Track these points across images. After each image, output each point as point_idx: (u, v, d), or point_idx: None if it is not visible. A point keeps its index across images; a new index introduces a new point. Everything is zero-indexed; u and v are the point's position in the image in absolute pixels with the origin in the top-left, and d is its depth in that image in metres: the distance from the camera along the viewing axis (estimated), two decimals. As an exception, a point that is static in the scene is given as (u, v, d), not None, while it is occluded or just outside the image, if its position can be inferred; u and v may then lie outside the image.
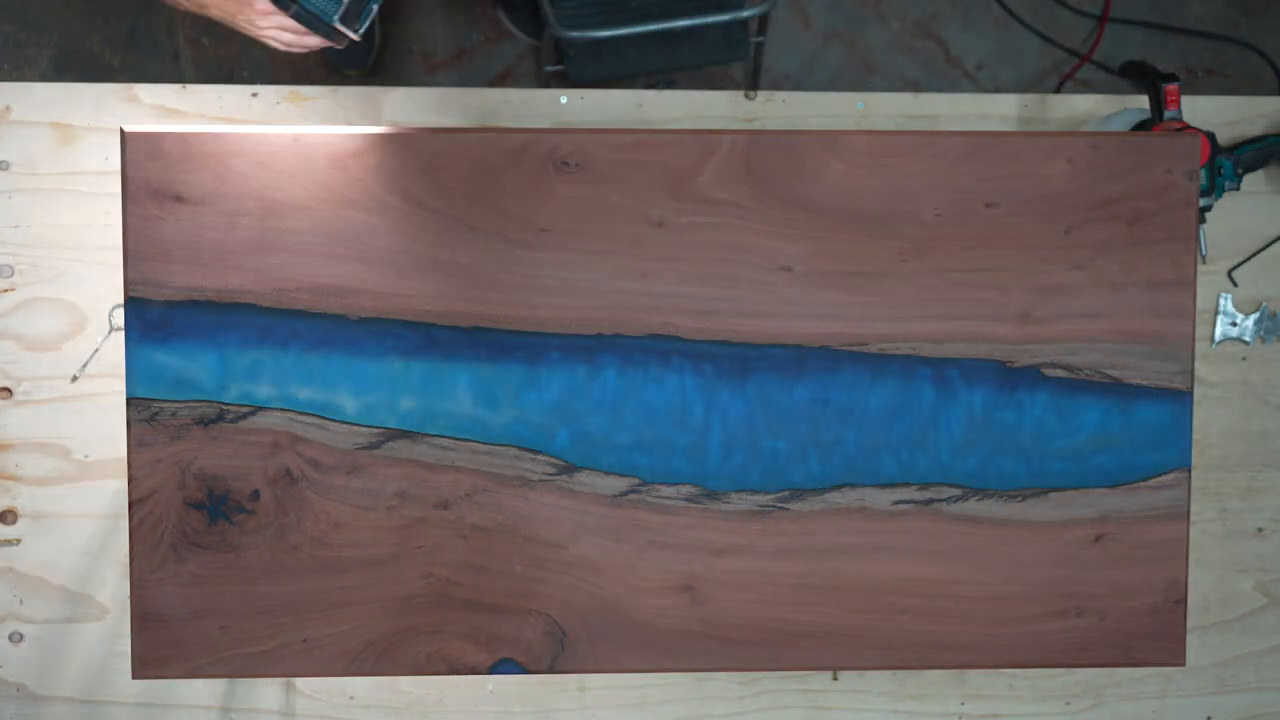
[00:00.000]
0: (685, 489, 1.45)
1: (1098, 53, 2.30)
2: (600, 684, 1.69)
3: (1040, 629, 1.48)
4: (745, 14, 1.95)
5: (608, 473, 1.44)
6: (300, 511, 1.43)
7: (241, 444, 1.42)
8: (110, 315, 1.64)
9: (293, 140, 1.42)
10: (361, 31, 1.39)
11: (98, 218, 1.63)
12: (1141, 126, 1.65)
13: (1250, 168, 1.66)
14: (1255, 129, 1.70)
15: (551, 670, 1.45)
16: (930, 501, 1.46)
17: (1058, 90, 2.30)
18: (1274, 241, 1.70)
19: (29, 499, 1.65)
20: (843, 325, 1.44)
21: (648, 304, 1.43)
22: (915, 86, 2.30)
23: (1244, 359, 1.71)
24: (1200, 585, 1.69)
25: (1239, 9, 2.33)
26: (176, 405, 1.41)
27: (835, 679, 1.70)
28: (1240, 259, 1.70)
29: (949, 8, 2.32)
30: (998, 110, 1.74)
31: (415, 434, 1.43)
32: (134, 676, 1.44)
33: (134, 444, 1.42)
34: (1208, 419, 1.68)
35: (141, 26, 2.27)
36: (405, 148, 1.42)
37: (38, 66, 2.25)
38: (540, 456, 1.44)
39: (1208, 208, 1.63)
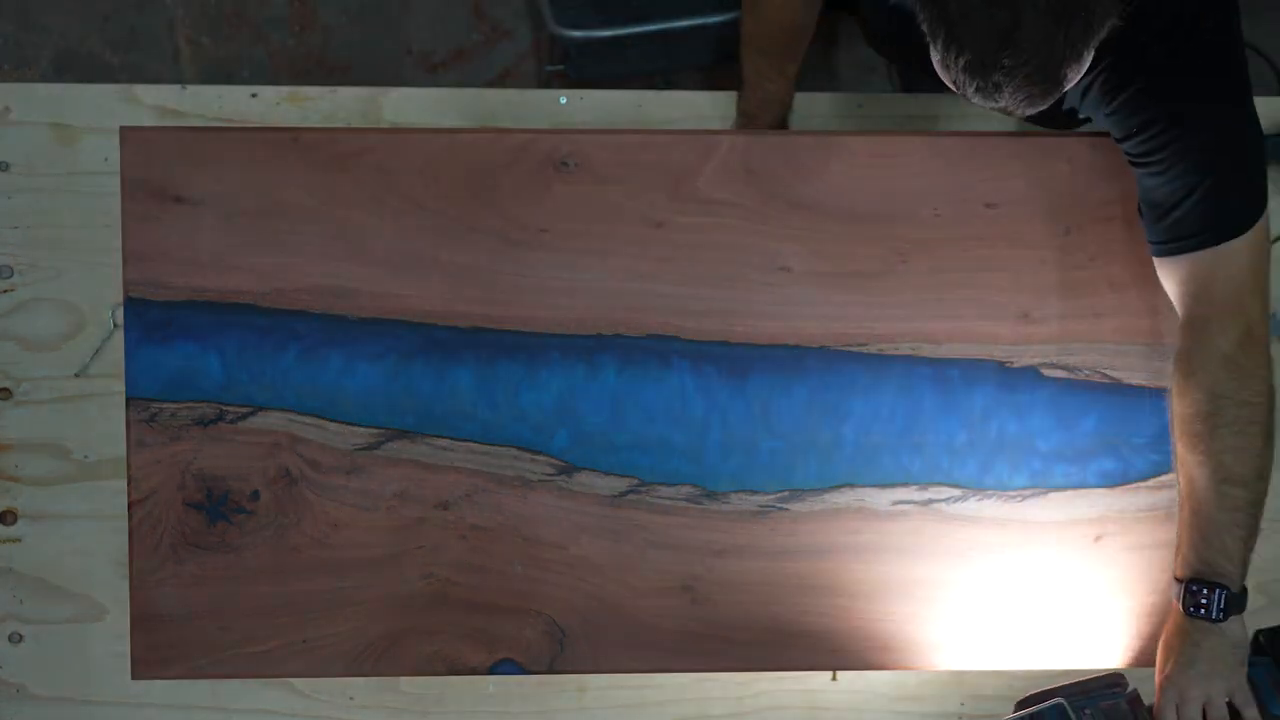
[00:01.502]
0: (685, 489, 1.45)
1: (1097, 53, 2.30)
2: (600, 684, 1.69)
3: (1040, 629, 1.48)
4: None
5: (607, 473, 1.44)
6: (300, 512, 1.43)
7: (241, 444, 1.42)
8: (112, 313, 1.63)
9: (293, 140, 1.42)
10: None
11: (97, 218, 1.63)
12: (1141, 127, 1.64)
13: (1250, 168, 1.66)
14: (1255, 129, 1.70)
15: (551, 670, 1.45)
16: (930, 502, 1.46)
17: (1057, 90, 2.30)
18: (1274, 241, 1.70)
19: (29, 499, 1.65)
20: (842, 325, 1.44)
21: (647, 304, 1.43)
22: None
23: (1244, 359, 1.70)
24: (1200, 585, 1.68)
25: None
26: (176, 406, 1.41)
27: (835, 679, 1.70)
28: (1240, 259, 1.70)
29: (949, 8, 2.32)
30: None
31: (415, 434, 1.43)
32: (133, 677, 1.44)
33: (134, 444, 1.42)
34: (1207, 419, 1.68)
35: (141, 26, 2.27)
36: (405, 148, 1.42)
37: (38, 66, 2.24)
38: (540, 457, 1.44)
39: (1208, 208, 1.63)
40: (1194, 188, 1.26)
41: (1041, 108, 1.16)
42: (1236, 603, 1.32)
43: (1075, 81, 1.16)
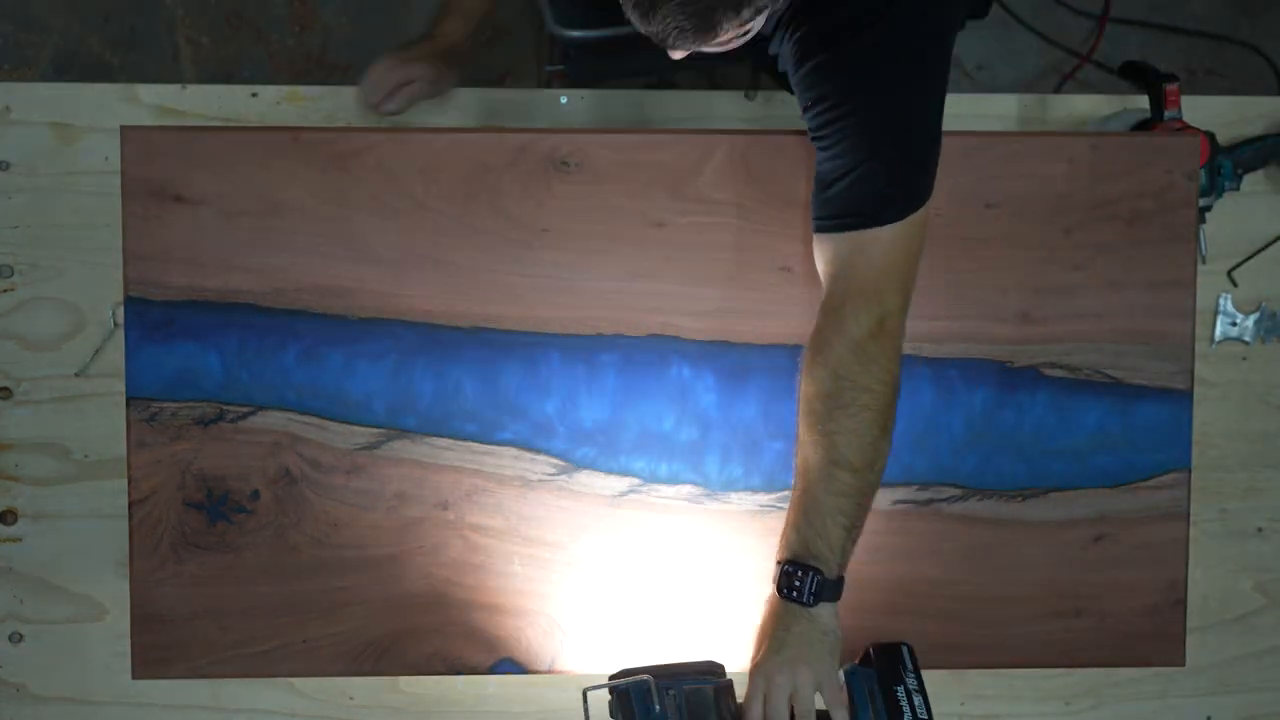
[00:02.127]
0: (685, 489, 1.44)
1: (1098, 53, 2.30)
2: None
3: (1040, 629, 1.48)
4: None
5: (607, 473, 1.44)
6: (300, 512, 1.43)
7: (241, 444, 1.42)
8: (113, 312, 1.63)
9: (292, 140, 1.42)
10: None
11: (98, 218, 1.63)
12: (1141, 127, 1.64)
13: (1250, 167, 1.66)
14: (1255, 129, 1.70)
15: (551, 670, 1.45)
16: (930, 501, 1.46)
17: (1057, 90, 2.30)
18: (1274, 241, 1.70)
19: (29, 499, 1.65)
20: (842, 325, 1.44)
21: (647, 304, 1.43)
22: (915, 86, 2.30)
23: (1244, 359, 1.70)
24: (1200, 585, 1.68)
25: (1239, 9, 2.32)
26: (176, 405, 1.41)
27: (835, 679, 1.70)
28: (1240, 259, 1.70)
29: (949, 8, 2.32)
30: (997, 110, 1.74)
31: (415, 434, 1.43)
32: (134, 677, 1.44)
33: (134, 444, 1.42)
34: (1208, 419, 1.68)
35: (141, 26, 2.27)
36: (405, 148, 1.42)
37: (38, 66, 2.25)
38: (540, 457, 1.44)
39: (1207, 208, 1.63)
40: (851, 170, 1.28)
41: (693, 48, 1.17)
42: (830, 589, 1.30)
43: (731, 36, 1.17)
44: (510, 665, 1.45)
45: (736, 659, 1.46)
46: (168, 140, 1.42)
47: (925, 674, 1.48)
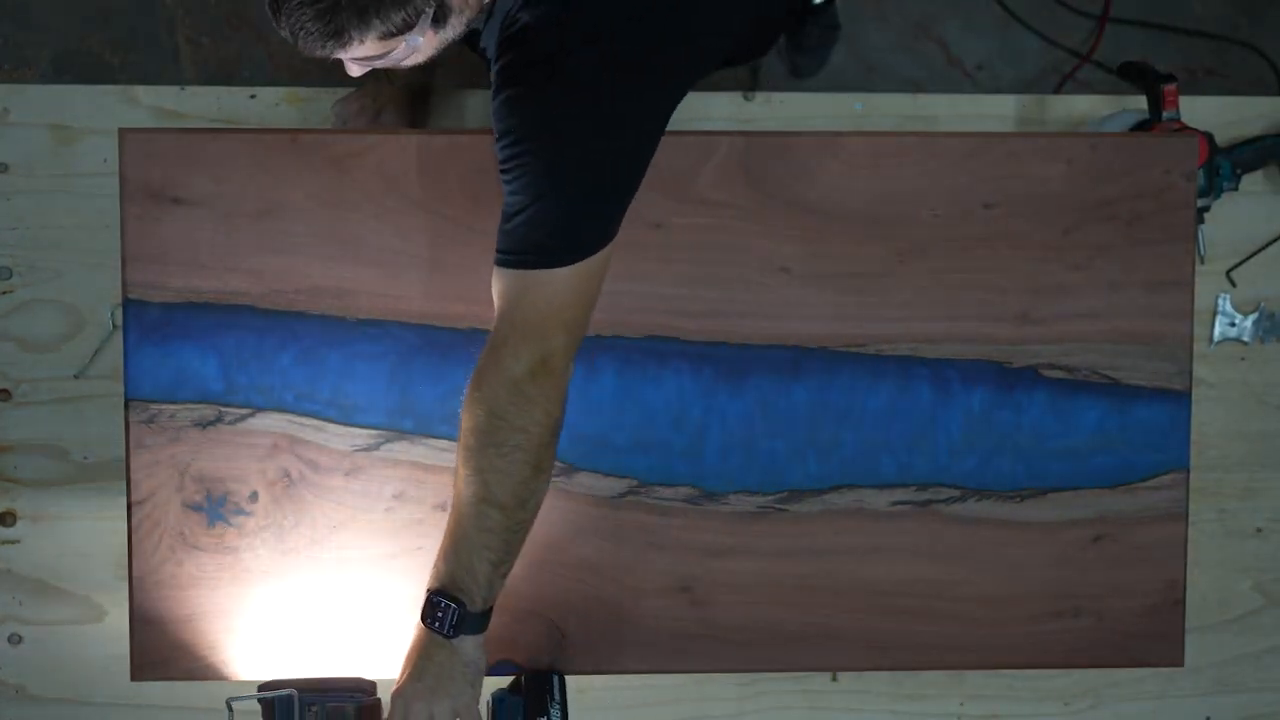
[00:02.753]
0: (684, 490, 1.44)
1: (1098, 53, 2.29)
2: (600, 684, 1.69)
3: (1039, 629, 1.48)
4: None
5: (606, 474, 1.44)
6: (298, 513, 1.43)
7: (240, 446, 1.42)
8: (111, 314, 1.63)
9: (291, 141, 1.42)
10: None
11: (97, 219, 1.63)
12: (1140, 127, 1.64)
13: (1249, 168, 1.66)
14: (1254, 129, 1.70)
15: (551, 671, 1.45)
16: (928, 502, 1.46)
17: (1057, 91, 2.30)
18: (1272, 242, 1.70)
19: (28, 501, 1.65)
20: (841, 326, 1.44)
21: (646, 305, 1.43)
22: (915, 87, 2.30)
23: (1242, 359, 1.70)
24: (1199, 586, 1.69)
25: (1239, 9, 2.32)
26: (175, 407, 1.41)
27: (835, 679, 1.71)
28: (1239, 259, 1.70)
29: (949, 8, 2.32)
30: (996, 111, 1.74)
31: (413, 435, 1.43)
32: (133, 678, 1.44)
33: (133, 446, 1.42)
34: (1206, 419, 1.68)
35: (141, 26, 2.27)
36: (403, 149, 1.42)
37: (38, 67, 2.25)
38: (539, 458, 1.43)
39: (1206, 208, 1.63)
40: (525, 208, 1.26)
41: (322, 53, 1.17)
42: (472, 623, 1.29)
43: (375, 51, 1.18)
44: (510, 665, 1.45)
45: (740, 658, 1.46)
46: (166, 142, 1.41)
47: (924, 675, 1.49)
